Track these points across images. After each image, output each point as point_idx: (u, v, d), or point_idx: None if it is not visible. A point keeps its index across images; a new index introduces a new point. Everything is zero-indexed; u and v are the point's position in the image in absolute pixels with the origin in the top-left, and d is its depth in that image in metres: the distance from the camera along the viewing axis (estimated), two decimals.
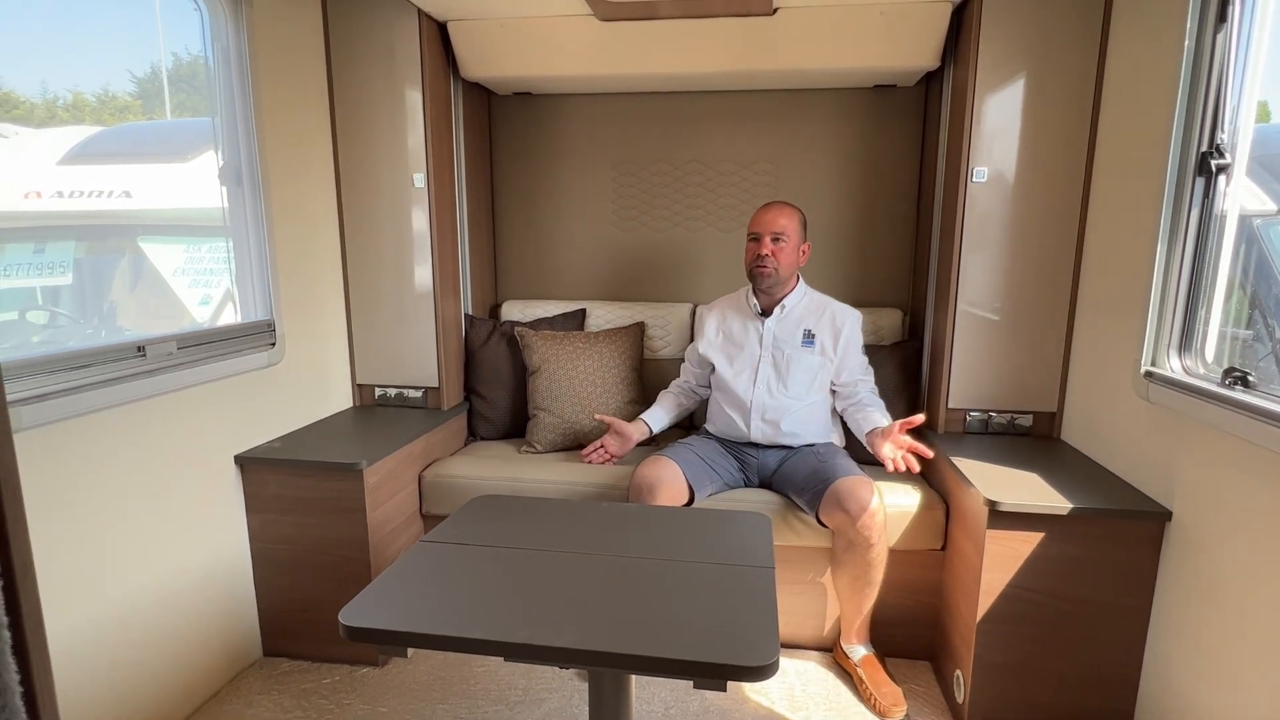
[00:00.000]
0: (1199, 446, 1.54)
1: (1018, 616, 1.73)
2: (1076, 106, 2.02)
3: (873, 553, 1.87)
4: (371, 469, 1.99)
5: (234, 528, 2.01)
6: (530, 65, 2.37)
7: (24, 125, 1.87)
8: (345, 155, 2.37)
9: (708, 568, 1.35)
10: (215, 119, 2.03)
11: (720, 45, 2.24)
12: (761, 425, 2.12)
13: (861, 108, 2.59)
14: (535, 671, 2.02)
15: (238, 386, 2.00)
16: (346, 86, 2.32)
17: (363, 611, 1.18)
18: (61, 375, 1.53)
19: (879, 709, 1.86)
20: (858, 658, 2.00)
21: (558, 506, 1.67)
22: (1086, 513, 1.65)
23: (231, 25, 1.98)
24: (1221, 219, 1.61)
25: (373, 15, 2.26)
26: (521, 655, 1.10)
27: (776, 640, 1.10)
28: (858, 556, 1.89)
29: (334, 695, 1.94)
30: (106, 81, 1.94)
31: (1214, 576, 1.47)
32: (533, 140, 2.78)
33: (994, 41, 2.02)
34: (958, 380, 2.21)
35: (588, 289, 2.83)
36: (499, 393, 2.59)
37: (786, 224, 2.07)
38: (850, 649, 2.03)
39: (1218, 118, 1.59)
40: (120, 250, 2.06)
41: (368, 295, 2.45)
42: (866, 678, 1.94)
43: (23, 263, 1.88)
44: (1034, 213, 2.09)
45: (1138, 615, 1.68)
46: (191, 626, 1.87)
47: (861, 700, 1.92)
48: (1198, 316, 1.66)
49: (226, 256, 2.10)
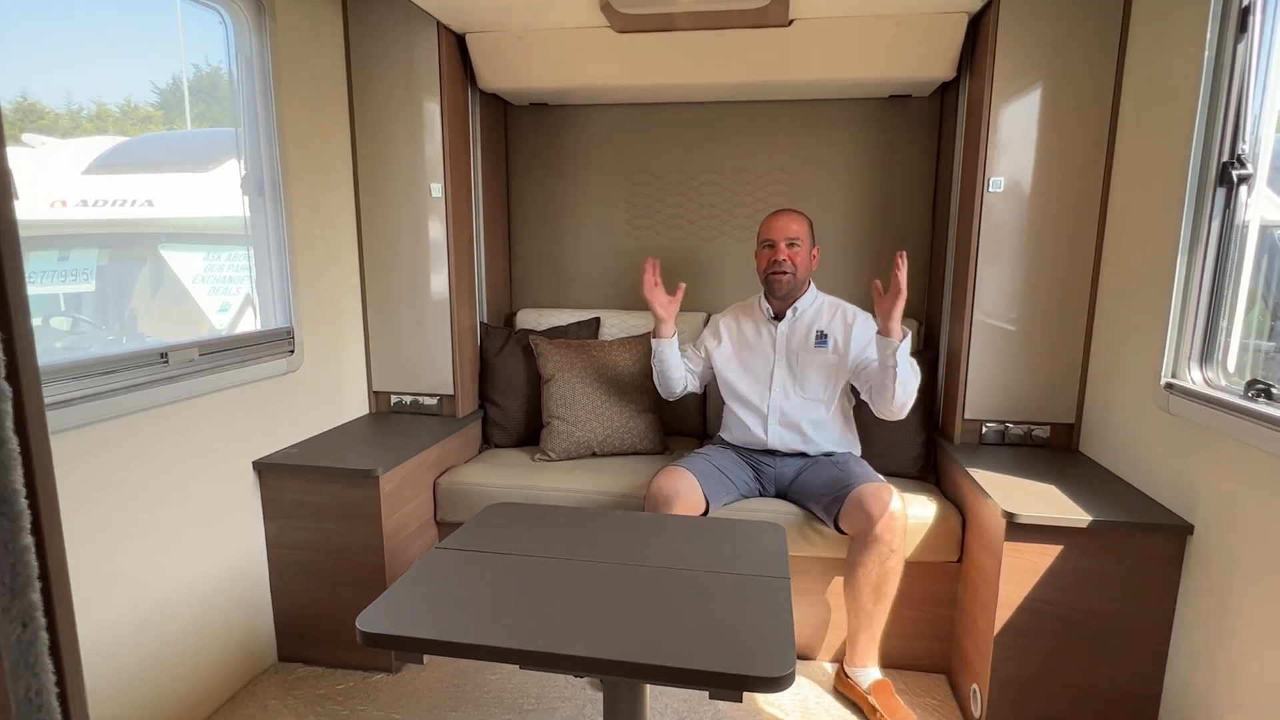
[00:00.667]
0: (1221, 459, 1.52)
1: (1036, 630, 1.71)
2: (1094, 116, 2.01)
3: (892, 560, 1.84)
4: (387, 475, 2.00)
5: (251, 533, 2.03)
6: (547, 76, 2.39)
7: (50, 135, 1.91)
8: (364, 165, 2.40)
9: (723, 577, 1.35)
10: (238, 129, 2.06)
11: (736, 56, 2.26)
12: (779, 430, 2.11)
13: (877, 118, 2.59)
14: (548, 680, 2.02)
15: (256, 393, 2.02)
16: (366, 97, 2.35)
17: (379, 618, 1.18)
18: (87, 381, 1.55)
19: None
20: (868, 683, 1.90)
21: (572, 515, 1.67)
22: (1106, 525, 1.63)
23: (255, 37, 2.02)
24: (1243, 229, 1.59)
25: (393, 27, 2.29)
26: (537, 663, 1.10)
27: (792, 651, 1.09)
28: (876, 562, 1.84)
29: (348, 701, 1.95)
30: (129, 92, 1.98)
31: (1237, 592, 1.45)
32: (549, 150, 2.80)
33: (1011, 52, 2.02)
34: (974, 391, 2.19)
35: (602, 298, 2.84)
36: (513, 400, 2.60)
37: (799, 229, 2.08)
38: (857, 673, 1.93)
39: (1239, 128, 1.58)
40: (142, 258, 2.09)
41: (384, 303, 2.47)
42: (880, 705, 1.83)
43: (47, 270, 1.91)
44: (1051, 222, 2.08)
45: (1159, 630, 1.66)
46: (208, 631, 1.88)
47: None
48: (1219, 328, 1.65)
49: (246, 264, 2.13)
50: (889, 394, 1.90)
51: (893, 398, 1.89)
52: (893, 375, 1.86)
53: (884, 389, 1.91)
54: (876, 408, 1.98)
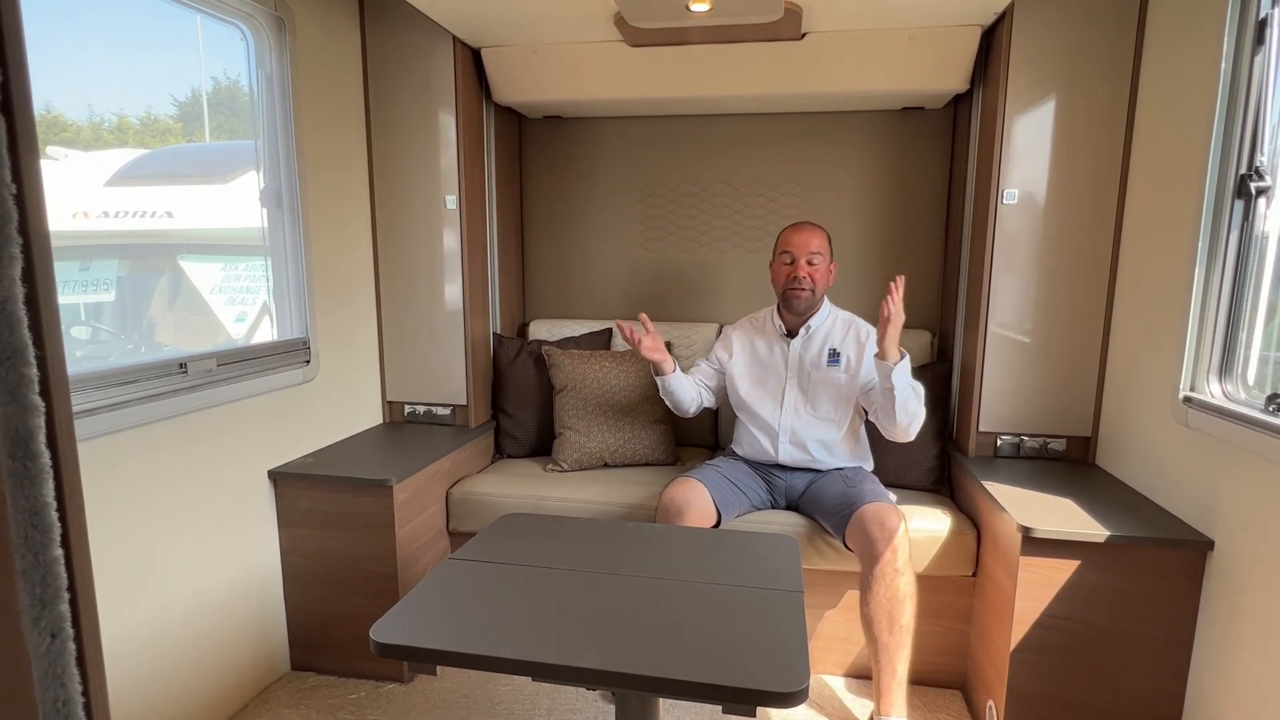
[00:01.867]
0: (1241, 474, 1.50)
1: (1053, 646, 1.69)
2: (1109, 128, 2.00)
3: (899, 580, 1.79)
4: (401, 485, 2.01)
5: (266, 542, 2.04)
6: (561, 90, 2.41)
7: (72, 148, 1.95)
8: (380, 177, 2.42)
9: (736, 590, 1.34)
10: (258, 141, 2.09)
11: (749, 69, 2.27)
12: (789, 448, 2.10)
13: (889, 130, 2.59)
14: (559, 692, 2.02)
15: (272, 403, 2.04)
16: (383, 110, 2.38)
17: (393, 628, 1.19)
18: (108, 390, 1.57)
19: None
20: None
21: (585, 526, 1.68)
22: (1124, 540, 1.61)
23: (275, 51, 2.05)
24: (1262, 241, 1.58)
25: (410, 42, 2.32)
26: (550, 675, 1.10)
27: (807, 666, 1.09)
28: (886, 587, 1.80)
29: (360, 711, 1.95)
30: (149, 105, 2.01)
31: (1259, 608, 1.43)
32: (562, 163, 2.82)
33: (1025, 64, 2.02)
34: (989, 403, 2.18)
35: (614, 309, 2.84)
36: (526, 411, 2.61)
37: (820, 244, 2.07)
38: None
39: (1256, 140, 1.57)
40: (161, 269, 2.12)
41: (399, 314, 2.49)
42: None
43: (69, 280, 1.94)
44: (1066, 234, 2.07)
45: (1179, 647, 1.63)
46: (223, 638, 1.89)
47: None
48: (1238, 340, 1.63)
49: (264, 275, 2.16)
50: (892, 417, 1.90)
51: (895, 421, 1.90)
52: (891, 398, 1.86)
53: (887, 412, 1.91)
54: (884, 430, 1.98)
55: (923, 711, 1.97)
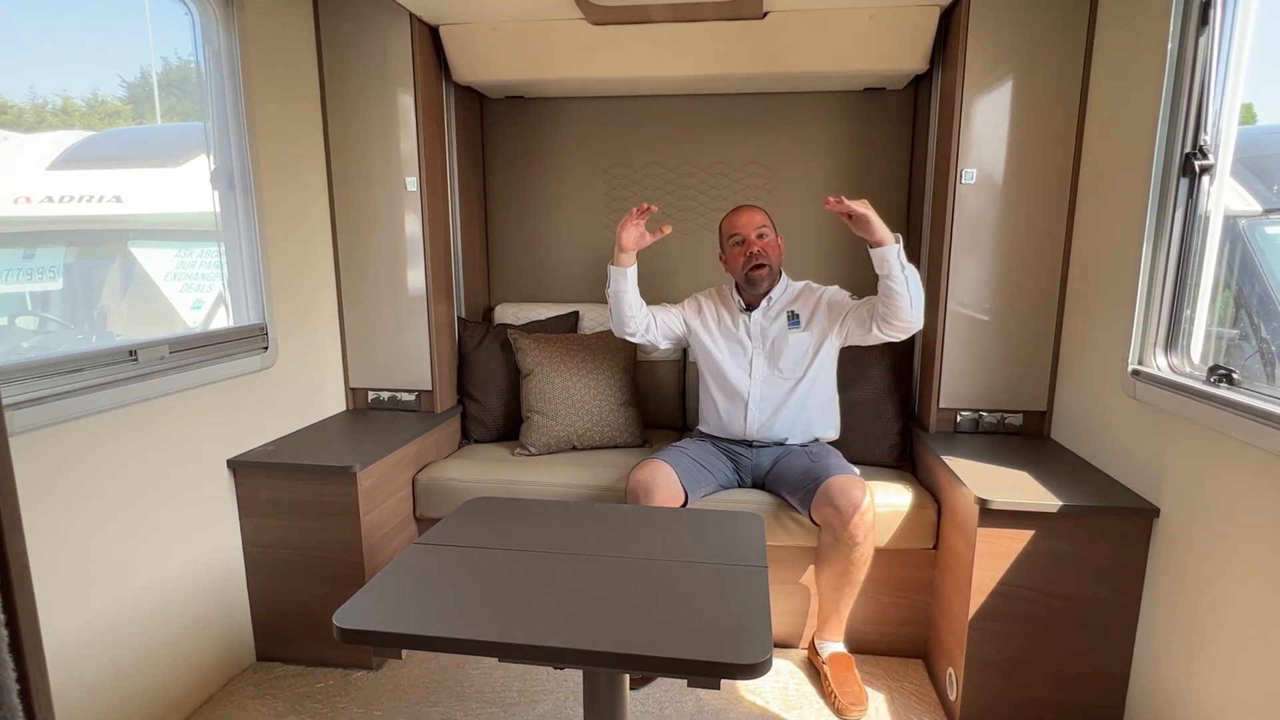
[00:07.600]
0: (1185, 444, 1.56)
1: (1009, 614, 1.74)
2: (1063, 108, 2.04)
3: (857, 552, 1.88)
4: (365, 472, 1.98)
5: (227, 532, 2.00)
6: (522, 69, 2.38)
7: (13, 130, 1.87)
8: (337, 159, 2.37)
9: (701, 567, 1.36)
10: (207, 123, 2.02)
11: (711, 48, 2.26)
12: (758, 416, 2.13)
13: (851, 110, 2.61)
14: (530, 673, 2.02)
15: (230, 390, 2.00)
16: (339, 90, 2.33)
17: (356, 614, 1.18)
18: (53, 380, 1.52)
19: (837, 706, 1.87)
20: (826, 654, 2.01)
21: (552, 508, 1.68)
22: (1076, 510, 1.66)
23: (223, 28, 1.98)
24: (1206, 219, 1.63)
25: (365, 19, 2.26)
26: (516, 656, 1.10)
27: (769, 638, 1.11)
28: (843, 554, 1.89)
29: (328, 699, 1.94)
30: (95, 86, 1.94)
31: (1201, 571, 1.49)
32: (525, 143, 2.78)
33: (981, 45, 2.04)
34: (949, 380, 2.22)
35: (581, 291, 2.83)
36: (492, 396, 2.59)
37: (763, 219, 2.11)
38: (822, 645, 2.04)
39: (1201, 119, 1.61)
40: (111, 255, 2.05)
41: (361, 298, 2.45)
42: (831, 675, 1.95)
43: (12, 268, 1.87)
44: (1022, 214, 2.11)
45: (1127, 610, 1.70)
46: (184, 631, 1.86)
47: (823, 697, 1.94)
48: (1183, 315, 1.68)
49: (218, 261, 2.10)
50: (904, 301, 1.86)
51: (911, 303, 1.87)
52: (903, 281, 1.85)
53: (895, 301, 1.87)
54: (892, 327, 1.93)
55: (886, 681, 2.02)
